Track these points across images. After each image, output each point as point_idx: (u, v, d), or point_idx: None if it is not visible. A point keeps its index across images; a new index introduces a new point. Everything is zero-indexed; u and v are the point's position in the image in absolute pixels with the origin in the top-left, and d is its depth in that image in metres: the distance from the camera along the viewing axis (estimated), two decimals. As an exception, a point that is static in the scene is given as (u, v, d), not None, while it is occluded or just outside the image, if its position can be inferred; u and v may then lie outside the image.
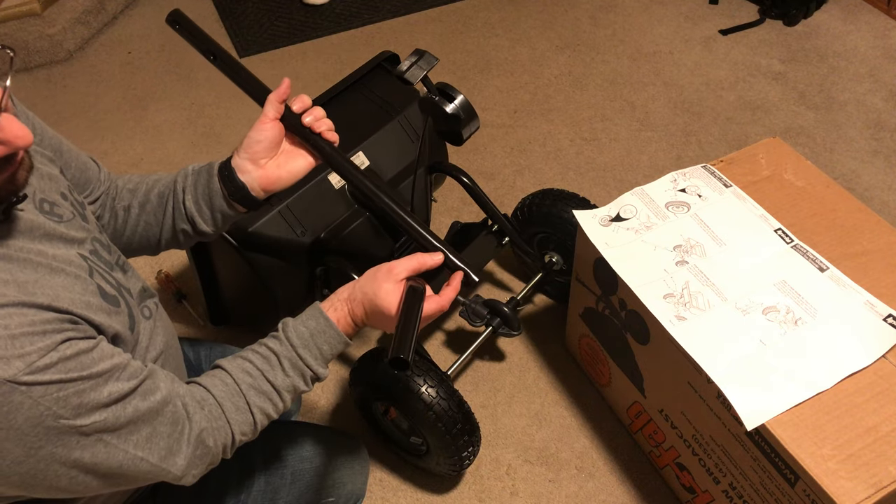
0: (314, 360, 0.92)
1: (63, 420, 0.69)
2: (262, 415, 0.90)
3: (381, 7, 2.73)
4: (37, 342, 0.68)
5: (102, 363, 0.74)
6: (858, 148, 2.13)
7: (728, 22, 2.58)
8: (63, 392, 0.69)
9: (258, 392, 0.89)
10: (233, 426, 0.88)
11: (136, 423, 0.77)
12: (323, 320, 0.93)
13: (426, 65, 1.23)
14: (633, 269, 1.25)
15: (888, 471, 1.00)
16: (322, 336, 0.92)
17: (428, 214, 1.61)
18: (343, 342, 0.94)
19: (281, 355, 0.91)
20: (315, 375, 0.93)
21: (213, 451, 0.86)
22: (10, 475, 0.69)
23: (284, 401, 0.92)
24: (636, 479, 1.48)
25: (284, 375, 0.90)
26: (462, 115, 1.29)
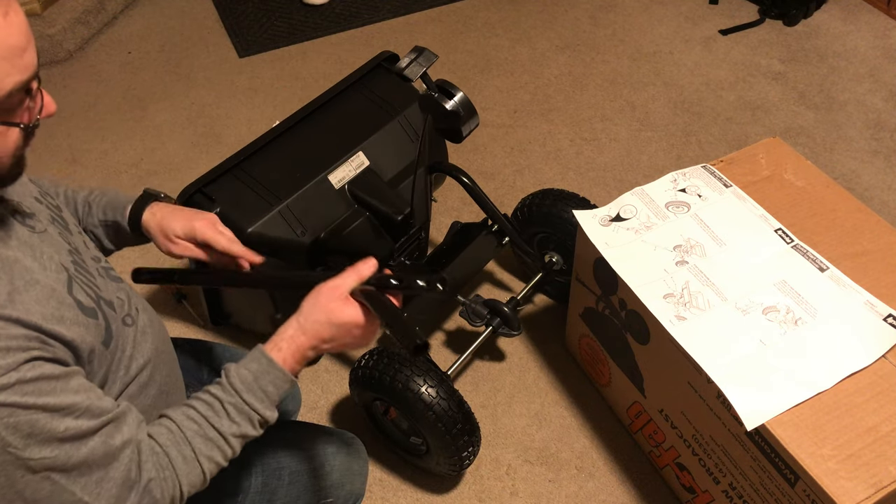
0: (260, 403, 0.87)
1: (10, 449, 0.66)
2: (210, 463, 0.85)
3: (381, 7, 2.73)
4: (3, 358, 0.66)
5: (63, 396, 0.71)
6: (858, 148, 2.13)
7: (728, 22, 2.58)
8: (14, 418, 0.66)
9: (204, 439, 0.85)
10: (180, 477, 0.83)
11: (89, 465, 0.73)
12: (266, 361, 0.88)
13: (425, 62, 1.23)
14: (633, 269, 1.25)
15: (888, 471, 1.00)
16: (266, 377, 0.88)
17: (428, 214, 1.61)
18: (288, 381, 0.90)
19: (225, 401, 0.86)
20: (262, 419, 0.88)
21: (160, 503, 0.81)
22: None
23: (233, 448, 0.87)
24: (636, 479, 1.48)
25: (231, 422, 0.86)
26: (462, 112, 1.29)
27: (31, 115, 0.71)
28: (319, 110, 1.55)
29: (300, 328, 0.90)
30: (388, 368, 1.30)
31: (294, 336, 0.90)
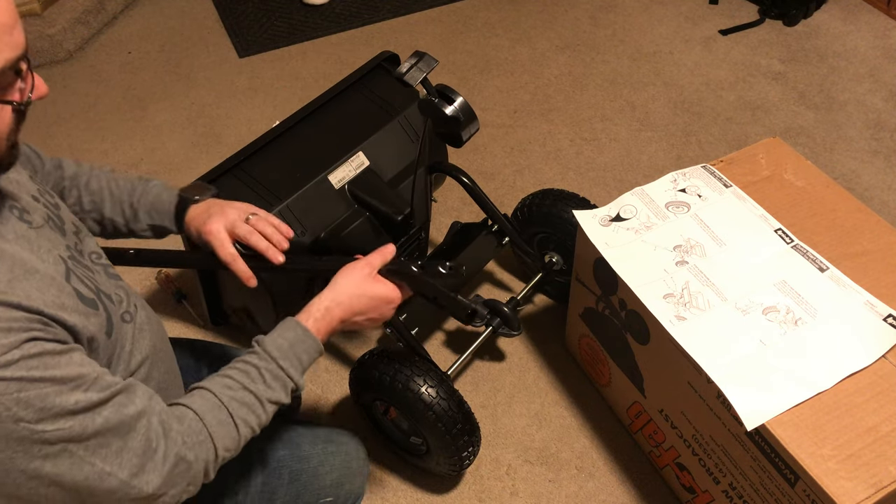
0: (294, 370, 0.92)
1: (24, 423, 0.67)
2: (245, 427, 0.88)
3: (381, 7, 2.72)
4: (2, 338, 0.67)
5: (69, 368, 0.72)
6: (858, 148, 2.13)
7: (728, 22, 2.58)
8: (24, 393, 0.67)
9: (240, 403, 0.88)
10: (216, 440, 0.85)
11: (105, 435, 0.74)
12: (301, 331, 0.94)
13: (426, 67, 1.23)
14: (633, 269, 1.25)
15: (888, 471, 1.00)
16: (301, 346, 0.94)
17: (428, 214, 1.61)
18: (320, 350, 0.96)
19: (262, 368, 0.90)
20: (295, 386, 0.93)
21: (195, 468, 0.83)
22: None
23: (267, 413, 0.90)
24: (636, 479, 1.48)
25: (266, 387, 0.89)
26: (461, 118, 1.29)
27: (22, 95, 0.71)
28: (319, 110, 1.55)
29: (335, 301, 0.98)
30: (388, 368, 1.30)
31: (330, 307, 0.98)
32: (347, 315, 0.99)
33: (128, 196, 1.12)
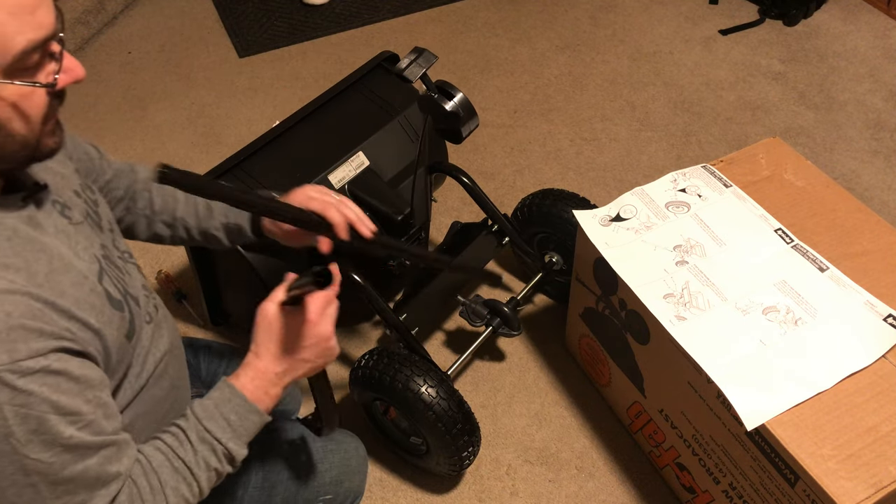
0: (222, 431, 0.84)
1: (13, 441, 0.65)
2: (176, 496, 0.81)
3: (381, 7, 2.72)
4: (31, 341, 0.66)
5: (76, 401, 0.70)
6: (858, 148, 2.13)
7: (728, 22, 2.58)
8: (28, 410, 0.65)
9: (172, 470, 0.82)
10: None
11: (77, 484, 0.71)
12: (227, 389, 0.86)
13: (425, 62, 1.23)
14: (633, 269, 1.25)
15: (888, 471, 1.00)
16: (227, 405, 0.85)
17: (428, 214, 1.61)
18: (253, 410, 0.86)
19: (188, 430, 0.84)
20: (226, 450, 0.84)
21: None
22: None
23: (199, 481, 0.83)
24: (636, 479, 1.48)
25: (193, 451, 0.83)
26: (461, 113, 1.29)
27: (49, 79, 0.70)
28: (319, 110, 1.55)
29: (253, 352, 0.87)
30: (388, 368, 1.30)
31: (249, 362, 0.87)
32: (271, 366, 0.87)
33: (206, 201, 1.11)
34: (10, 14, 0.63)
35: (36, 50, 0.67)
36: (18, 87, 0.67)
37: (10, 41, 0.64)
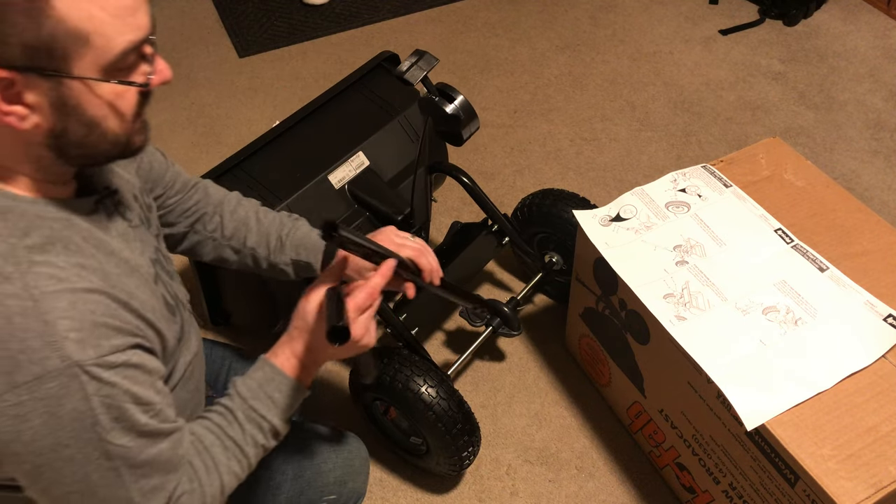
0: (267, 410, 0.87)
1: (99, 429, 0.69)
2: (228, 474, 0.85)
3: (381, 7, 2.72)
4: (112, 338, 0.69)
5: (150, 391, 0.74)
6: (858, 148, 2.13)
7: (728, 22, 2.58)
8: (113, 400, 0.69)
9: (223, 449, 0.85)
10: (204, 487, 0.83)
11: (152, 468, 0.75)
12: (269, 368, 0.89)
13: (426, 65, 1.23)
14: (633, 269, 1.25)
15: (888, 471, 1.00)
16: (271, 384, 0.88)
17: (428, 214, 1.61)
18: (293, 386, 0.89)
19: (234, 409, 0.87)
20: (272, 426, 0.88)
21: None
22: (24, 463, 0.69)
23: (248, 458, 0.87)
24: (636, 479, 1.48)
25: (241, 430, 0.86)
26: (462, 116, 1.29)
27: (143, 79, 0.73)
28: (319, 110, 1.55)
29: (289, 334, 0.90)
30: (388, 368, 1.30)
31: (286, 342, 0.90)
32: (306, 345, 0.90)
33: (276, 229, 1.12)
34: (113, 15, 0.65)
35: (133, 51, 0.69)
36: (115, 87, 0.69)
37: (111, 41, 0.66)
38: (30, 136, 0.68)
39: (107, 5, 0.65)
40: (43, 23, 0.62)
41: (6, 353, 0.65)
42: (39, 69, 0.64)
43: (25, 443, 0.67)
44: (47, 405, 0.66)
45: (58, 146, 0.70)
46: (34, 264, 0.67)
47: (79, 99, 0.67)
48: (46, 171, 0.73)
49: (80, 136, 0.70)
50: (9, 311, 0.65)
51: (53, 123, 0.68)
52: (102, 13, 0.65)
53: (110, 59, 0.67)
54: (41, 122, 0.67)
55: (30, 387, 0.65)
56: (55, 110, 0.67)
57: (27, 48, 0.63)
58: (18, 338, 0.65)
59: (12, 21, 0.61)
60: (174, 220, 1.08)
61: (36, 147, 0.70)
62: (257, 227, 1.12)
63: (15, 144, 0.69)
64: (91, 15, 0.64)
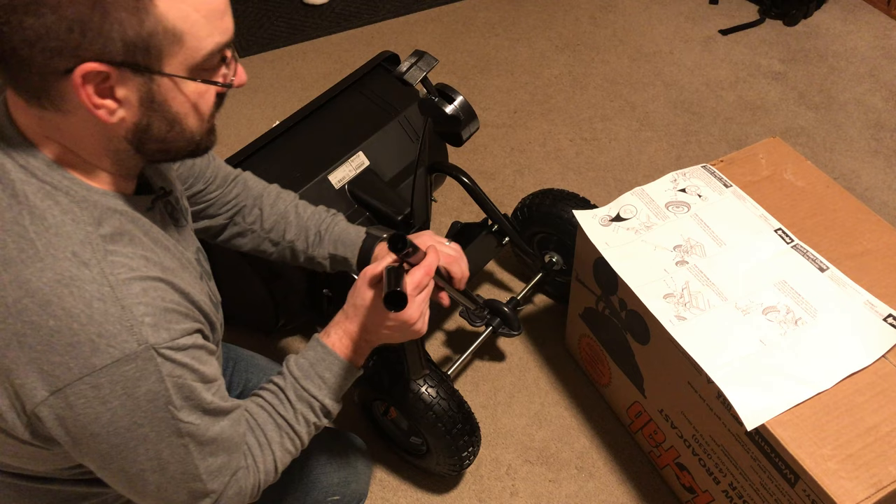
0: (318, 389, 0.91)
1: (172, 408, 0.72)
2: (281, 451, 0.89)
3: (381, 7, 2.73)
4: (181, 322, 0.72)
5: (212, 368, 0.77)
6: (858, 148, 2.13)
7: (728, 22, 2.58)
8: (183, 380, 0.72)
9: (275, 426, 0.89)
10: (258, 464, 0.86)
11: (217, 444, 0.78)
12: (320, 348, 0.92)
13: (426, 66, 1.23)
14: (633, 269, 1.25)
15: (888, 471, 1.00)
16: (322, 364, 0.91)
17: (428, 214, 1.61)
18: (344, 366, 0.92)
19: (286, 389, 0.90)
20: (323, 406, 0.91)
21: (244, 492, 0.85)
22: (101, 443, 0.71)
23: (299, 435, 0.90)
24: (636, 479, 1.48)
25: (293, 409, 0.90)
26: (461, 117, 1.29)
27: (224, 81, 0.75)
28: (319, 110, 1.55)
29: (344, 313, 0.93)
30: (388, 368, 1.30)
31: (339, 321, 0.93)
32: (360, 326, 0.92)
33: (315, 224, 1.15)
34: (205, 17, 0.68)
35: (218, 52, 0.72)
36: (199, 86, 0.71)
37: (201, 42, 0.69)
38: (114, 130, 0.70)
39: (201, 7, 0.68)
40: (144, 20, 0.64)
41: (85, 337, 0.67)
42: (134, 65, 0.66)
43: (104, 424, 0.69)
44: (125, 387, 0.68)
45: (139, 140, 0.72)
46: (108, 252, 0.70)
47: (166, 95, 0.69)
48: (121, 164, 0.75)
49: (163, 132, 0.72)
50: (88, 296, 0.67)
51: (139, 118, 0.70)
52: (196, 14, 0.67)
53: (199, 59, 0.69)
54: (127, 117, 0.69)
55: (109, 370, 0.67)
56: (143, 106, 0.69)
57: (127, 44, 0.64)
58: (97, 322, 0.67)
59: (117, 17, 0.63)
60: (214, 212, 1.11)
61: (117, 141, 0.72)
62: (296, 221, 1.14)
63: (98, 137, 0.71)
64: (187, 15, 0.66)
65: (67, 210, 0.69)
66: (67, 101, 0.67)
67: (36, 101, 0.67)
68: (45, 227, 0.68)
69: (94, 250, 0.69)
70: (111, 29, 0.63)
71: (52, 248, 0.68)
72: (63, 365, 0.67)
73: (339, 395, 0.93)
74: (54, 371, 0.67)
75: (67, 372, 0.67)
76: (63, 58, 0.63)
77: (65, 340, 0.66)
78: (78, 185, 0.71)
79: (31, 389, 0.68)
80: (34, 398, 0.68)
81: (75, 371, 0.67)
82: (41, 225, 0.68)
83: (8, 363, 0.67)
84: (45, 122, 0.69)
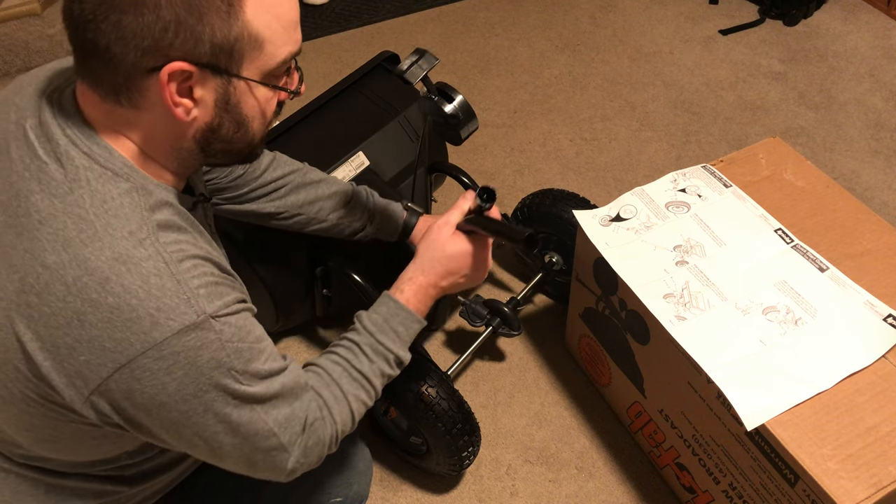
0: (392, 343, 0.97)
1: (233, 372, 0.74)
2: (357, 402, 0.93)
3: (381, 7, 2.73)
4: (229, 293, 0.76)
5: (261, 329, 0.81)
6: (858, 148, 2.13)
7: (728, 22, 2.58)
8: (241, 343, 0.75)
9: (350, 379, 0.93)
10: (334, 415, 0.90)
11: (279, 398, 0.81)
12: (393, 304, 0.99)
13: (426, 64, 1.23)
14: (633, 269, 1.25)
15: (888, 471, 1.00)
16: (395, 318, 0.98)
17: (428, 214, 1.61)
18: (416, 321, 1.00)
19: (362, 344, 0.96)
20: (397, 357, 0.98)
21: (322, 442, 0.89)
22: (171, 412, 0.73)
23: (374, 387, 0.96)
24: (636, 479, 1.48)
25: (369, 362, 0.95)
26: (461, 116, 1.29)
27: (295, 88, 0.80)
28: (319, 110, 1.55)
29: (419, 268, 1.01)
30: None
31: (413, 277, 1.01)
32: (434, 279, 1.01)
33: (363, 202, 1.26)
34: (284, 28, 0.72)
35: (289, 61, 0.75)
36: (267, 91, 0.76)
37: (277, 50, 0.73)
38: (185, 129, 0.73)
39: (281, 17, 0.72)
40: (233, 25, 0.68)
41: (144, 312, 0.69)
42: (216, 67, 0.70)
43: (170, 393, 0.71)
44: (188, 357, 0.70)
45: (206, 140, 0.75)
46: (161, 234, 0.73)
47: (240, 98, 0.73)
48: (182, 163, 0.78)
49: (230, 134, 0.76)
50: (146, 272, 0.69)
51: (212, 118, 0.73)
52: (277, 24, 0.71)
53: (272, 66, 0.73)
54: (200, 116, 0.73)
55: (170, 342, 0.69)
56: (217, 106, 0.73)
57: (215, 46, 0.68)
58: (155, 296, 0.69)
59: (210, 21, 0.67)
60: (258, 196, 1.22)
61: (186, 140, 0.75)
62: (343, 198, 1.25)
63: (169, 135, 0.74)
64: (269, 24, 0.70)
65: (126, 193, 0.72)
66: (146, 98, 0.70)
67: (114, 96, 0.70)
68: (105, 210, 0.70)
69: (150, 231, 0.71)
70: (203, 31, 0.66)
71: (111, 227, 0.70)
72: (125, 341, 0.69)
73: (408, 347, 1.00)
74: (117, 347, 0.69)
75: (129, 347, 0.69)
76: (153, 56, 0.66)
77: (124, 316, 0.68)
78: (137, 174, 0.74)
79: (97, 366, 0.69)
80: (99, 374, 0.70)
81: (137, 346, 0.69)
82: (101, 207, 0.70)
83: (70, 341, 0.69)
84: (116, 116, 0.72)
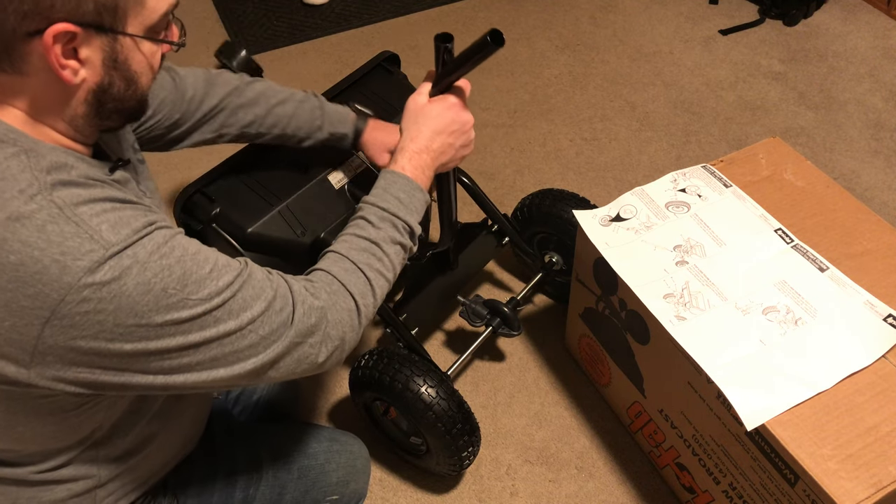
0: (396, 208, 0.97)
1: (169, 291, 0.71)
2: (371, 271, 0.92)
3: (381, 7, 2.73)
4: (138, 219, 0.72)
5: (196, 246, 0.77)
6: (858, 148, 2.13)
7: (728, 22, 2.58)
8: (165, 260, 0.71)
9: (360, 250, 0.93)
10: (348, 287, 0.89)
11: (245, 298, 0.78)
12: (389, 174, 1.00)
13: None
14: (633, 269, 1.25)
15: (888, 471, 1.00)
16: (394, 186, 0.98)
17: (428, 214, 1.61)
18: (416, 188, 1.00)
19: (365, 214, 0.96)
20: (405, 223, 0.97)
21: (343, 323, 0.87)
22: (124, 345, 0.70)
23: (388, 254, 0.94)
24: (636, 479, 1.48)
25: (375, 228, 0.95)
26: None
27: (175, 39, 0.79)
28: (319, 110, 1.55)
29: (407, 138, 1.03)
30: (388, 368, 1.30)
31: (403, 147, 1.03)
32: (426, 142, 1.02)
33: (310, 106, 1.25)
34: None
35: (169, 14, 0.75)
36: (152, 45, 0.76)
37: (158, 4, 0.73)
38: (75, 91, 0.72)
39: None
40: None
41: (49, 261, 0.66)
42: (101, 25, 0.69)
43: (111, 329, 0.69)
44: (111, 290, 0.67)
45: (98, 101, 0.74)
46: (56, 189, 0.69)
47: (127, 55, 0.73)
48: (77, 130, 0.76)
49: (121, 92, 0.75)
50: (40, 222, 0.67)
51: (101, 78, 0.72)
52: None
53: (154, 20, 0.73)
54: (89, 77, 0.72)
55: (85, 280, 0.67)
56: (105, 65, 0.72)
57: (98, 5, 0.67)
58: (55, 242, 0.66)
59: None
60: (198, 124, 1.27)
61: (76, 103, 0.73)
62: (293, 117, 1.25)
63: (57, 99, 0.72)
64: None
65: (13, 156, 0.69)
66: (30, 63, 0.68)
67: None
68: None
69: (41, 187, 0.68)
70: None
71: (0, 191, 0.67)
72: (40, 294, 0.66)
73: (416, 218, 0.99)
74: (34, 303, 0.66)
75: (46, 298, 0.66)
76: (34, 20, 0.65)
77: (31, 270, 0.66)
78: (25, 138, 0.71)
79: (24, 327, 0.67)
80: (30, 334, 0.68)
81: (53, 296, 0.66)
82: None
83: None
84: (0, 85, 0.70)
